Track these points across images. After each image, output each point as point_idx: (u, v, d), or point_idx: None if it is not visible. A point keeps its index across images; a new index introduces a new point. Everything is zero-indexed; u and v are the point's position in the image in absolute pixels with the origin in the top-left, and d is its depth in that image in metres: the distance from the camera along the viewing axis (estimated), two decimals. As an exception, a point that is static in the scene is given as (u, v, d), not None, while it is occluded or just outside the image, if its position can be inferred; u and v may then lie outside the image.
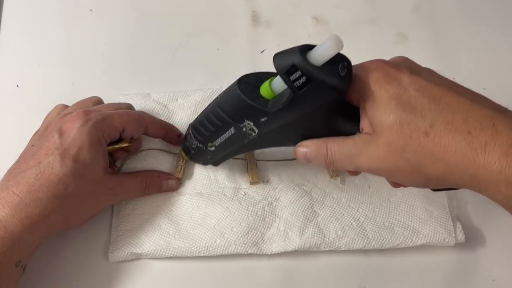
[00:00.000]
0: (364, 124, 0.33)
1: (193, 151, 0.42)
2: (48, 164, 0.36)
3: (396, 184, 0.37)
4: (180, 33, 0.56)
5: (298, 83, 0.30)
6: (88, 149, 0.37)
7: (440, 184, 0.31)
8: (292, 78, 0.30)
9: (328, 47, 0.29)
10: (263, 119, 0.34)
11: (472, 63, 0.54)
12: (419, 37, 0.56)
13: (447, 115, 0.29)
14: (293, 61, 0.30)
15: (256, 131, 0.35)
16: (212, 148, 0.40)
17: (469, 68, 0.53)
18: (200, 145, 0.40)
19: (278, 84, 0.32)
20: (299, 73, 0.30)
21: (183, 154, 0.44)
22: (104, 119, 0.39)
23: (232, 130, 0.36)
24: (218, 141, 0.39)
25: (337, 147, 0.34)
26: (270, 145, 0.39)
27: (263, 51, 0.54)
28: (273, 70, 0.32)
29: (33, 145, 0.40)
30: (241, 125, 0.35)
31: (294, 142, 0.37)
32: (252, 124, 0.35)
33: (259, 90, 0.34)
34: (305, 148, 0.36)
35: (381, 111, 0.31)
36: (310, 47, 0.30)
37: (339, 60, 0.31)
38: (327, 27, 0.56)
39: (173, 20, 0.57)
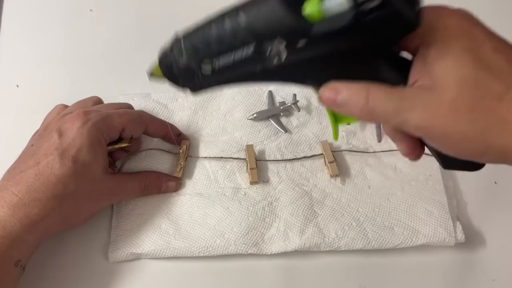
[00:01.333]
0: (416, 75, 0.28)
1: (175, 70, 0.31)
2: (47, 164, 0.36)
3: (413, 151, 0.32)
4: (180, 33, 0.56)
5: (366, 7, 0.25)
6: (87, 149, 0.37)
7: (498, 158, 0.28)
8: None
9: None
10: (300, 43, 0.27)
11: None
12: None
13: None
14: None
15: (283, 57, 0.28)
16: (208, 72, 0.30)
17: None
18: (192, 63, 0.30)
19: (336, 2, 0.25)
20: None
21: (154, 71, 0.34)
22: (104, 119, 0.39)
23: (249, 50, 0.28)
24: (222, 62, 0.29)
25: (383, 95, 0.28)
26: (285, 81, 0.31)
27: (263, 51, 0.54)
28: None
29: (32, 145, 0.40)
30: (266, 46, 0.28)
31: (318, 81, 0.30)
32: (283, 46, 0.28)
33: (301, 7, 0.26)
34: (335, 91, 0.29)
35: (452, 63, 0.27)
36: None
37: None
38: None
39: (173, 20, 0.57)
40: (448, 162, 0.32)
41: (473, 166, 0.31)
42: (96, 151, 0.38)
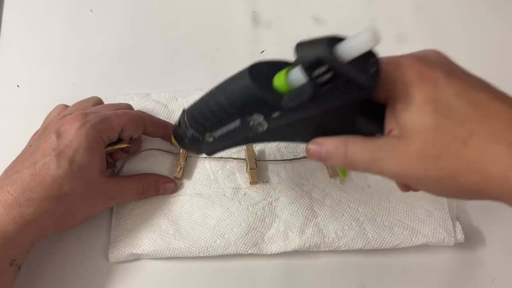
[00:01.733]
0: (391, 125, 0.30)
1: (186, 140, 0.37)
2: (44, 165, 0.36)
3: (406, 188, 0.34)
4: (180, 33, 0.56)
5: (321, 79, 0.27)
6: (84, 151, 0.37)
7: (473, 196, 0.29)
8: (315, 73, 0.27)
9: (362, 41, 0.26)
10: (275, 115, 0.30)
11: (472, 63, 0.54)
12: (419, 37, 0.56)
13: (488, 123, 0.27)
14: (319, 54, 0.26)
15: (265, 126, 0.32)
16: (210, 139, 0.35)
17: (469, 68, 0.53)
18: (196, 134, 0.36)
19: (297, 77, 0.29)
20: (324, 68, 0.27)
21: (173, 140, 0.39)
22: (102, 120, 0.39)
23: (237, 123, 0.32)
24: (219, 133, 0.34)
25: (359, 148, 0.31)
26: (277, 140, 0.36)
27: (263, 51, 0.54)
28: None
29: (30, 146, 0.40)
30: (248, 119, 0.32)
31: (305, 138, 0.34)
32: (261, 119, 0.31)
33: (272, 81, 0.30)
34: (320, 146, 0.32)
35: (415, 114, 0.28)
36: (338, 39, 0.27)
37: (368, 56, 0.27)
38: (327, 27, 0.56)
39: (173, 20, 0.57)
40: None
41: None
42: (93, 153, 0.38)
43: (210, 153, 0.38)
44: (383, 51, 0.36)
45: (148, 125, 0.43)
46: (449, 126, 0.28)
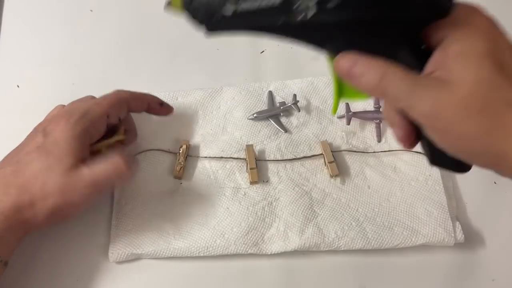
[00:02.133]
0: (436, 65, 0.29)
1: (197, 3, 0.30)
2: (27, 162, 0.37)
3: (409, 140, 0.32)
4: (180, 33, 0.56)
5: None
6: (68, 147, 0.37)
7: (491, 162, 0.28)
8: None
9: None
10: (333, 2, 0.26)
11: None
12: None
13: None
14: None
15: (310, 14, 0.27)
16: (229, 13, 0.29)
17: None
18: (215, 1, 0.29)
19: None
20: None
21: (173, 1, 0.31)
22: (85, 114, 0.39)
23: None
24: (245, 6, 0.28)
25: (397, 78, 0.29)
26: (301, 41, 0.30)
27: (263, 51, 0.54)
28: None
29: (20, 144, 0.40)
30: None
31: (336, 48, 0.30)
32: (314, 1, 0.26)
33: None
34: (353, 62, 0.29)
35: (474, 62, 0.27)
36: None
37: None
38: (327, 27, 0.56)
39: (173, 20, 0.57)
40: (437, 159, 0.31)
41: (460, 167, 0.31)
42: (76, 148, 0.38)
43: (215, 28, 0.31)
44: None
45: (130, 102, 0.43)
46: (501, 85, 0.27)
